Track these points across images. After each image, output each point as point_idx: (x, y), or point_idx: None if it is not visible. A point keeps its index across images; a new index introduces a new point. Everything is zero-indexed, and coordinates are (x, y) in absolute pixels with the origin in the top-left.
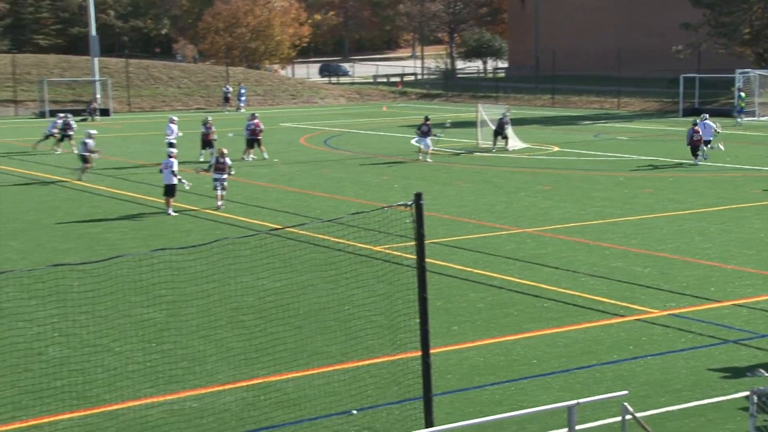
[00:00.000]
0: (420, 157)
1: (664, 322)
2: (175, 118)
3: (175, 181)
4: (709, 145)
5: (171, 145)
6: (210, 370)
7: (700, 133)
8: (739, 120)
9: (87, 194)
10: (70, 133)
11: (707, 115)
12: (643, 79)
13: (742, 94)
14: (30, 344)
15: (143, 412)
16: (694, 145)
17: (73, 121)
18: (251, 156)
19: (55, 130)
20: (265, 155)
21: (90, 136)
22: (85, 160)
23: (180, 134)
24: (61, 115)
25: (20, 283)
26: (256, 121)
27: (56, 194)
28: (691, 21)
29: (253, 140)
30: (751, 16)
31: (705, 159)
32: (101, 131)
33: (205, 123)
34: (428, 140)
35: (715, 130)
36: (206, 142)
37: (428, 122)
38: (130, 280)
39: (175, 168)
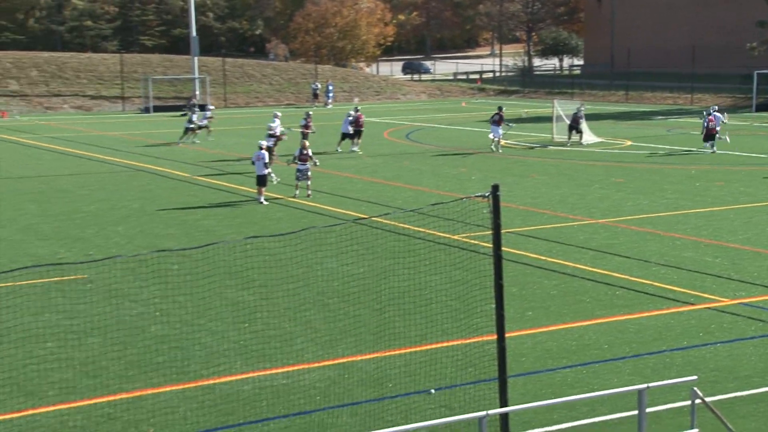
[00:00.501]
0: (492, 147)
1: (733, 311)
2: (279, 113)
3: (266, 172)
4: (717, 136)
5: (273, 136)
6: (298, 350)
7: (714, 123)
8: None
9: (186, 184)
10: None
11: (717, 107)
12: (716, 75)
13: None
14: (135, 322)
15: (237, 387)
16: (710, 133)
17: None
18: (355, 147)
19: (197, 123)
20: (358, 149)
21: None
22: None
23: (284, 130)
24: (211, 107)
25: (126, 266)
26: (359, 113)
27: (158, 184)
28: (766, 19)
29: (357, 132)
30: None
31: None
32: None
33: (305, 117)
34: (500, 129)
35: (723, 122)
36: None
37: (501, 112)
38: (225, 264)
39: (266, 160)
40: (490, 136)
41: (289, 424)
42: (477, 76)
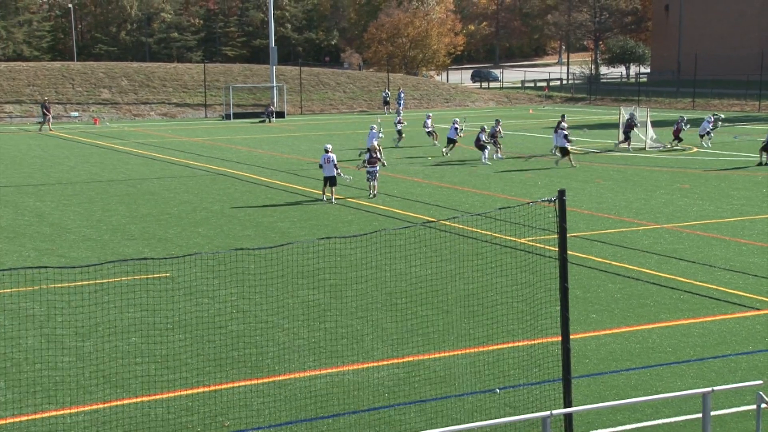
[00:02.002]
0: (554, 153)
1: None
2: (375, 125)
3: (335, 173)
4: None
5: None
6: (367, 348)
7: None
8: None
9: (263, 187)
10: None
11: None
12: None
13: None
14: (213, 319)
15: (308, 383)
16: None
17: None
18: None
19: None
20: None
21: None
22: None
23: (381, 135)
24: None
25: (206, 264)
26: (499, 126)
27: (236, 187)
28: None
29: (451, 139)
30: None
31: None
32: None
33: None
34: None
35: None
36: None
37: (563, 123)
38: (298, 264)
39: (336, 161)
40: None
41: (358, 420)
42: (544, 84)
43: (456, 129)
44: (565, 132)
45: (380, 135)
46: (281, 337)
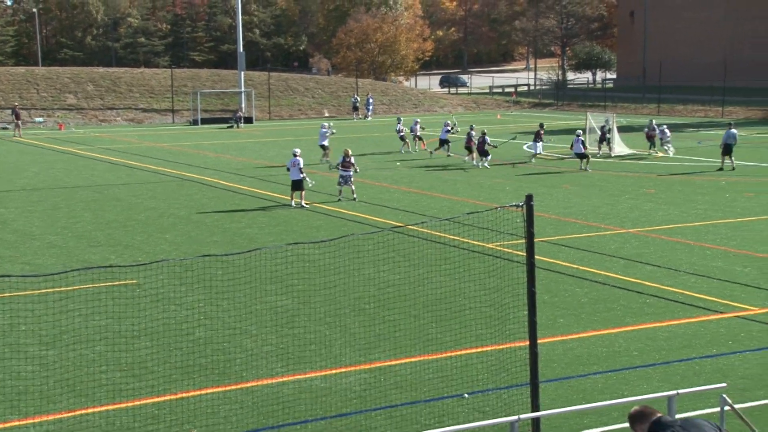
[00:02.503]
0: (532, 161)
1: (762, 319)
2: (326, 124)
3: (301, 177)
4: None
5: (323, 147)
6: (335, 353)
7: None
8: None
9: (231, 193)
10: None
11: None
12: (748, 89)
13: None
14: (180, 325)
15: (276, 389)
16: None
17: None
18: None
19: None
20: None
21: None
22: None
23: (333, 132)
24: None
25: (172, 271)
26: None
27: (204, 193)
28: None
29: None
30: None
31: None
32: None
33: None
34: (539, 145)
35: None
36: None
37: (541, 131)
38: (266, 270)
39: (302, 165)
40: (529, 149)
41: (327, 426)
42: (512, 90)
43: (448, 130)
44: (581, 138)
45: (332, 132)
46: (249, 344)
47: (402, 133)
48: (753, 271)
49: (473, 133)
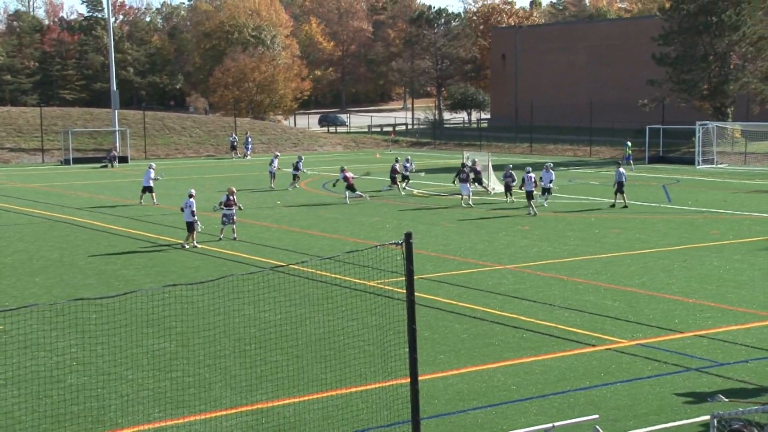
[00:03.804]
0: (462, 203)
1: (632, 351)
2: (154, 165)
3: (193, 219)
4: (550, 192)
5: (148, 188)
6: (215, 396)
7: (541, 180)
8: (630, 166)
9: (105, 234)
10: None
11: (551, 164)
12: (612, 129)
13: (629, 143)
14: (50, 372)
15: None
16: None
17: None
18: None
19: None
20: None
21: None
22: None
23: (160, 177)
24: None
25: (43, 316)
26: (345, 172)
27: (77, 234)
28: (656, 78)
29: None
30: (709, 74)
31: (545, 205)
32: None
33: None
34: (468, 186)
35: (550, 180)
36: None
37: (465, 169)
38: (143, 313)
39: (194, 208)
40: (461, 189)
41: None
42: (390, 129)
43: (407, 167)
44: (533, 176)
45: (160, 176)
46: (125, 389)
47: (274, 170)
48: (622, 305)
49: (397, 165)
